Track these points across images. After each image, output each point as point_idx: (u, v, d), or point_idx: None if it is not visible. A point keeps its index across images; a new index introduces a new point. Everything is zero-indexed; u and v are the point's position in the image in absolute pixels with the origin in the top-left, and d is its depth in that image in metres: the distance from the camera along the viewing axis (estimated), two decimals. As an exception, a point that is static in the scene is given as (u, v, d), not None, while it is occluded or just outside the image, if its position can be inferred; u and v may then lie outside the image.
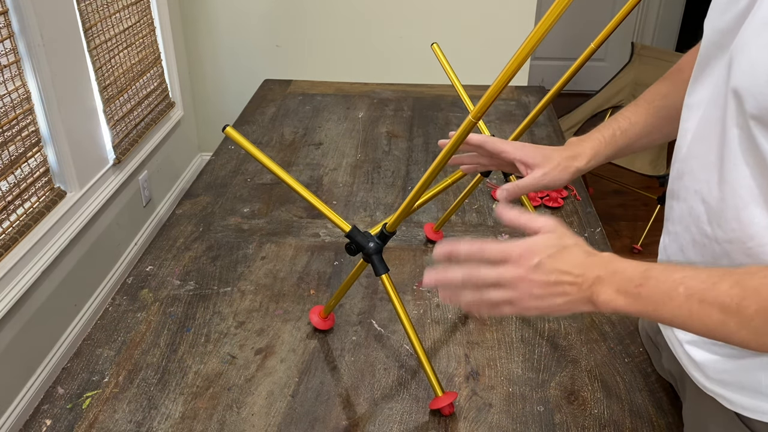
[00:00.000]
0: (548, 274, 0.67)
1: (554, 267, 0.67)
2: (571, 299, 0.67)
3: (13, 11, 1.68)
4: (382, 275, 0.94)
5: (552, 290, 0.67)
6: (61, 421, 0.93)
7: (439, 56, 1.23)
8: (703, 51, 0.74)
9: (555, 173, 0.92)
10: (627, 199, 3.09)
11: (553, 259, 0.68)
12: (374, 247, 0.94)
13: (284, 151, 1.74)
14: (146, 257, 1.29)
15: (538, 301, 0.68)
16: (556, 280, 0.67)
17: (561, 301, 0.67)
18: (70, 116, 1.91)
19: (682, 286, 0.62)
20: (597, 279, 0.66)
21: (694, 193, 0.73)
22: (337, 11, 2.79)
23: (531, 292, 0.68)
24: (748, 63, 0.62)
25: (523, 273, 0.68)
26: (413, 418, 0.94)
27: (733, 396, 0.73)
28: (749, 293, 0.59)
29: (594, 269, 0.67)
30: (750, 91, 0.62)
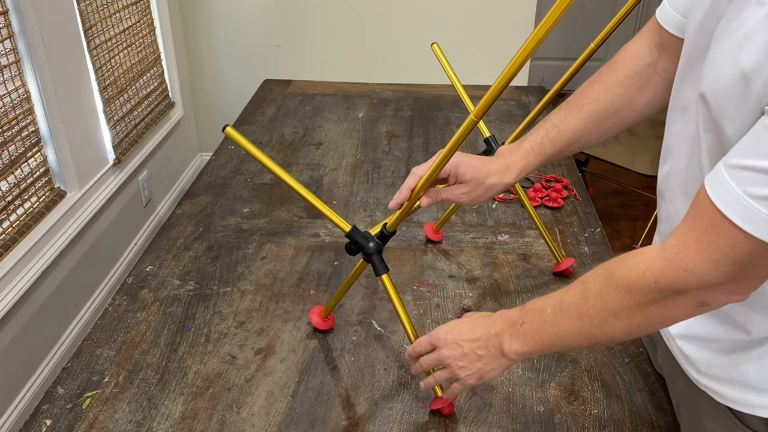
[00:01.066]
0: (458, 346, 0.81)
1: (460, 339, 0.81)
2: (487, 359, 0.79)
3: (13, 11, 1.68)
4: (382, 275, 0.94)
5: (469, 358, 0.80)
6: (61, 421, 0.93)
7: (439, 56, 1.23)
8: (688, 51, 0.74)
9: (478, 193, 0.92)
10: (627, 199, 3.09)
11: (457, 333, 0.82)
12: (374, 247, 0.94)
13: (284, 151, 1.74)
14: (146, 257, 1.29)
15: (467, 370, 0.81)
16: (467, 349, 0.80)
17: (481, 364, 0.80)
18: (70, 116, 1.91)
19: (548, 307, 0.73)
20: (496, 335, 0.78)
21: (681, 194, 0.75)
22: (337, 11, 2.79)
23: (457, 364, 0.81)
24: (715, 68, 0.63)
25: (444, 353, 0.82)
26: (413, 418, 0.94)
27: (723, 390, 0.74)
28: (587, 285, 0.69)
29: (490, 327, 0.79)
30: (713, 97, 0.63)
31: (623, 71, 0.91)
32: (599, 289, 0.67)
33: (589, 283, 0.69)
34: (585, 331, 0.69)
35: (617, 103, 0.91)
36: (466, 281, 1.23)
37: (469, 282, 1.22)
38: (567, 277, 1.24)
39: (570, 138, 0.93)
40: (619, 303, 0.65)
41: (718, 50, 0.63)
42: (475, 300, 1.18)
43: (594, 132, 0.93)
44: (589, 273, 0.70)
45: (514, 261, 1.28)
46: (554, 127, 0.93)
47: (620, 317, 0.66)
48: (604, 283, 0.67)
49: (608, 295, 0.66)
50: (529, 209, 1.24)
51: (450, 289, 1.20)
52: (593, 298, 0.67)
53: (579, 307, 0.69)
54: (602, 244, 1.33)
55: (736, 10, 0.63)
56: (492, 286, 1.21)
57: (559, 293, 0.73)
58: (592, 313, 0.68)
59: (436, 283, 1.22)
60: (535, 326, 0.74)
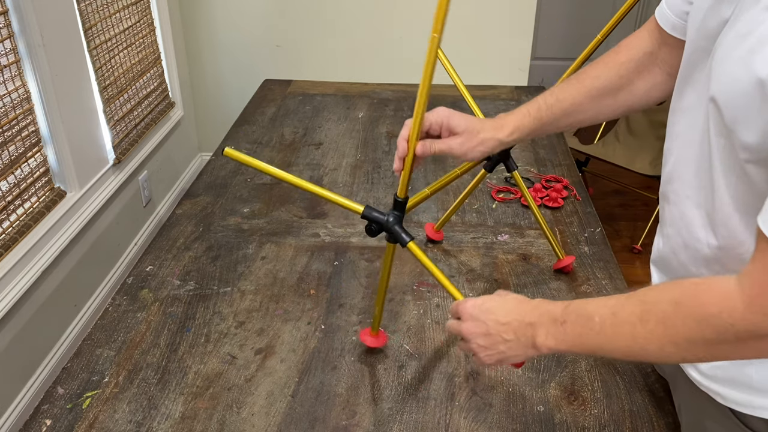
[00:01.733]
0: (484, 324, 0.77)
1: (487, 317, 0.77)
2: (513, 345, 0.76)
3: (13, 11, 1.68)
4: (409, 243, 0.91)
5: (493, 339, 0.77)
6: (61, 421, 0.93)
7: (440, 57, 1.23)
8: (689, 54, 0.75)
9: (471, 144, 0.91)
10: (627, 199, 3.09)
11: (486, 311, 0.78)
12: (394, 219, 0.91)
13: (284, 151, 1.74)
14: (146, 257, 1.29)
15: (488, 351, 0.78)
16: (491, 328, 0.77)
17: (505, 348, 0.76)
18: (70, 116, 1.91)
19: (597, 315, 0.68)
20: (530, 325, 0.74)
21: (685, 198, 0.75)
22: (338, 11, 2.79)
23: (478, 343, 0.78)
24: (726, 75, 0.63)
25: (467, 326, 0.79)
26: (413, 418, 0.94)
27: (725, 391, 0.74)
28: (649, 306, 0.64)
29: (526, 316, 0.75)
30: (727, 104, 0.63)
31: (625, 55, 0.92)
32: (663, 317, 0.63)
33: (650, 306, 0.65)
34: (635, 351, 0.66)
35: (616, 83, 0.92)
36: (466, 281, 1.23)
37: (469, 282, 1.22)
38: (567, 274, 1.24)
39: (567, 108, 0.93)
40: (685, 336, 0.62)
41: (727, 56, 0.63)
42: (475, 300, 1.18)
43: (590, 108, 0.94)
44: (649, 292, 0.66)
45: (514, 261, 1.28)
46: (552, 95, 0.95)
47: (681, 348, 0.63)
48: (670, 312, 0.63)
49: (673, 326, 0.62)
50: (530, 203, 1.24)
51: (450, 289, 1.20)
52: (654, 324, 0.63)
53: (635, 328, 0.65)
54: (602, 244, 1.33)
55: (741, 15, 0.63)
56: (492, 286, 1.21)
57: (611, 304, 0.68)
58: (650, 338, 0.64)
59: (436, 283, 1.22)
60: (578, 330, 0.70)
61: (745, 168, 0.63)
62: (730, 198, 0.66)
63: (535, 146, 1.75)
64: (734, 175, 0.65)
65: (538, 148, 1.74)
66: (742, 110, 0.61)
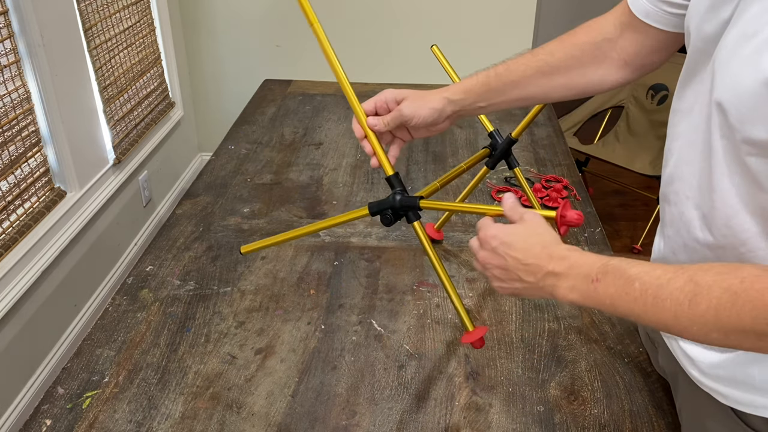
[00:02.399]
0: (502, 258, 0.74)
1: (507, 253, 0.74)
2: (530, 287, 0.72)
3: (13, 11, 1.68)
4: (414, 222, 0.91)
5: (509, 274, 0.74)
6: (61, 421, 0.93)
7: (440, 58, 1.23)
8: (690, 56, 0.74)
9: (419, 104, 0.92)
10: (627, 199, 3.09)
11: (507, 246, 0.74)
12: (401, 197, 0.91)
13: (284, 151, 1.74)
14: (146, 257, 1.29)
15: (503, 283, 0.75)
16: (510, 265, 0.73)
17: (520, 286, 0.73)
18: (70, 116, 1.91)
19: (638, 281, 0.64)
20: (552, 273, 0.70)
21: (685, 199, 0.74)
22: (338, 11, 2.79)
23: (493, 273, 0.76)
24: (731, 77, 0.62)
25: (484, 254, 0.76)
26: (413, 418, 0.94)
27: (727, 391, 0.74)
28: (702, 290, 0.60)
29: (549, 263, 0.71)
30: (733, 105, 0.62)
31: (583, 36, 0.92)
32: (717, 304, 0.59)
33: (703, 290, 0.60)
34: (672, 328, 0.63)
35: (569, 63, 0.92)
36: (466, 281, 1.23)
37: (469, 282, 1.22)
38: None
39: (515, 79, 0.93)
40: (737, 327, 0.59)
41: (731, 57, 0.63)
42: (475, 300, 1.18)
43: (541, 84, 0.93)
44: (704, 274, 0.61)
45: (514, 261, 1.28)
46: (504, 64, 0.94)
47: (728, 337, 0.60)
48: (726, 301, 0.59)
49: (726, 316, 0.59)
50: (531, 199, 1.24)
51: (450, 289, 1.20)
52: (705, 308, 0.60)
53: (681, 307, 0.61)
54: (602, 244, 1.33)
55: (743, 14, 0.63)
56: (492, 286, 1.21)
57: (657, 274, 0.63)
58: (695, 321, 0.60)
59: (436, 283, 1.22)
60: (611, 291, 0.66)
61: (750, 164, 0.63)
62: (737, 197, 0.66)
63: (535, 146, 1.75)
64: (738, 175, 0.65)
65: (538, 148, 1.74)
66: (750, 110, 0.60)
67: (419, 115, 0.92)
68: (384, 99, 0.95)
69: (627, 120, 2.91)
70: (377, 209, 0.92)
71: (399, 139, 0.99)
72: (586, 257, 0.70)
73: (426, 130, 0.96)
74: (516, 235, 0.75)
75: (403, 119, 0.93)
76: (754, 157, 0.62)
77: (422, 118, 0.92)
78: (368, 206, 0.93)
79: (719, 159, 0.66)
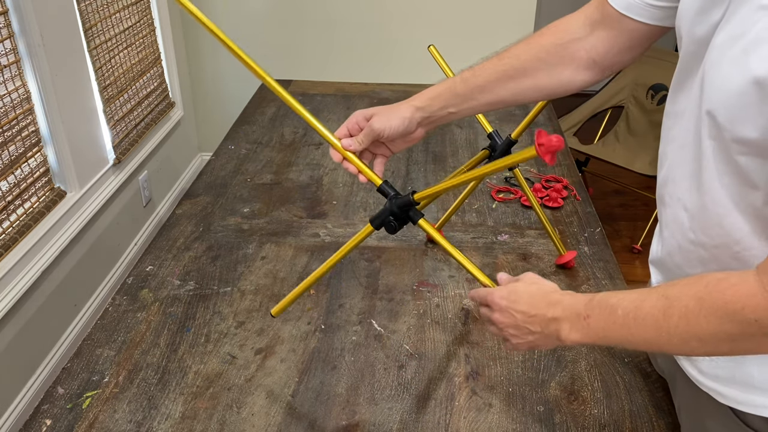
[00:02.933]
0: (512, 316, 0.79)
1: (515, 309, 0.79)
2: (540, 336, 0.77)
3: (13, 11, 1.68)
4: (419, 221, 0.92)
5: (521, 330, 0.78)
6: (61, 421, 0.93)
7: (437, 58, 1.23)
8: (682, 59, 0.75)
9: (388, 115, 0.93)
10: (627, 199, 3.09)
11: (514, 302, 0.79)
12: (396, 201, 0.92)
13: (284, 151, 1.74)
14: (146, 257, 1.29)
15: (518, 339, 0.80)
16: (520, 321, 0.78)
17: (533, 339, 0.78)
18: (70, 116, 1.91)
19: (620, 308, 0.69)
20: (552, 319, 0.75)
21: (677, 201, 0.75)
22: (337, 11, 2.79)
23: (509, 332, 0.80)
24: (720, 78, 0.63)
25: (498, 316, 0.81)
26: (413, 418, 0.94)
27: (726, 390, 0.74)
28: (672, 302, 0.64)
29: (548, 310, 0.76)
30: (722, 105, 0.63)
31: (550, 38, 0.92)
32: (686, 312, 0.63)
33: (673, 301, 0.64)
34: (660, 343, 0.66)
35: (535, 64, 0.91)
36: (466, 281, 1.23)
37: (469, 282, 1.22)
38: (567, 274, 1.24)
39: (482, 84, 0.93)
40: (708, 331, 0.62)
41: (720, 58, 0.63)
42: (475, 300, 1.18)
43: (508, 87, 0.93)
44: (672, 288, 0.66)
45: (514, 261, 1.28)
46: (471, 69, 0.94)
47: (705, 343, 0.63)
48: (693, 307, 0.62)
49: (696, 322, 0.62)
50: (531, 199, 1.24)
51: (450, 289, 1.20)
52: (677, 318, 0.63)
53: (659, 322, 0.65)
54: (602, 244, 1.33)
55: (733, 16, 0.63)
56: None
57: (634, 297, 0.68)
58: (673, 332, 0.64)
59: (436, 283, 1.22)
60: (601, 323, 0.71)
61: (741, 163, 0.63)
62: (727, 197, 0.67)
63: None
64: (728, 175, 0.66)
65: (538, 148, 1.73)
66: (739, 110, 0.61)
67: (390, 126, 0.93)
68: (354, 120, 0.97)
69: (627, 120, 2.91)
70: (379, 221, 0.92)
71: (380, 156, 0.99)
72: (575, 297, 0.75)
73: (402, 141, 0.97)
74: (518, 291, 0.80)
75: (375, 134, 0.94)
76: (745, 156, 0.63)
77: (393, 128, 0.93)
78: (370, 222, 0.93)
79: (709, 159, 0.67)
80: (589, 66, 0.90)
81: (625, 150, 2.85)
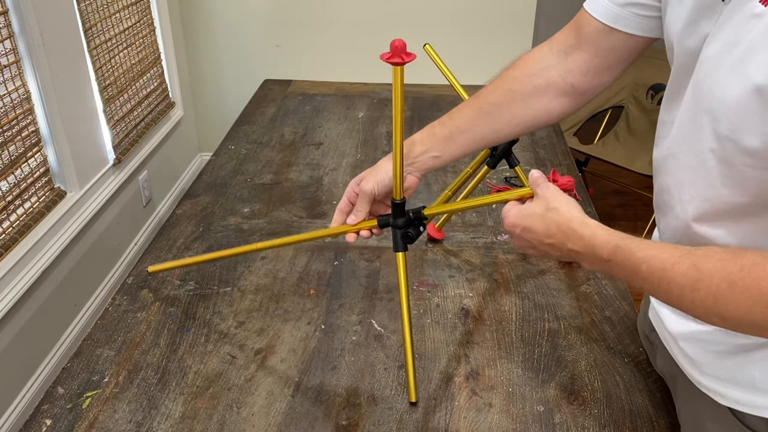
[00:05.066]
0: (528, 240, 0.79)
1: (530, 237, 0.79)
2: (562, 255, 0.77)
3: (13, 11, 1.68)
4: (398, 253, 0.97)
5: (540, 251, 0.79)
6: (61, 421, 0.93)
7: (433, 56, 1.23)
8: (675, 71, 0.75)
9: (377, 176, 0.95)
10: (627, 199, 3.09)
11: (527, 230, 0.79)
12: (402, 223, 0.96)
13: (284, 151, 1.74)
14: (146, 257, 1.29)
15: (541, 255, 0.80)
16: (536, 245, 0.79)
17: (556, 254, 0.78)
18: (70, 116, 1.91)
19: (645, 264, 0.67)
20: (575, 252, 0.74)
21: (670, 209, 0.76)
22: (337, 11, 2.79)
23: (530, 252, 0.81)
24: (718, 86, 0.63)
25: (515, 240, 0.82)
26: (413, 418, 0.94)
27: (727, 391, 0.74)
28: (703, 276, 0.62)
29: (567, 242, 0.75)
30: (723, 115, 0.62)
31: (521, 69, 0.93)
32: (715, 291, 0.61)
33: (704, 275, 0.62)
34: (677, 306, 0.65)
35: (509, 97, 0.92)
36: (466, 281, 1.23)
37: (469, 282, 1.22)
38: (569, 267, 1.23)
39: (460, 124, 0.94)
40: (734, 315, 0.60)
41: (716, 68, 0.63)
42: (475, 300, 1.18)
43: (486, 124, 0.93)
44: (704, 261, 0.62)
45: (514, 261, 1.28)
46: (448, 114, 0.95)
47: (726, 322, 0.61)
48: (724, 289, 0.60)
49: (724, 303, 0.60)
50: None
51: (450, 289, 1.20)
52: (704, 294, 0.61)
53: (684, 291, 0.63)
54: (602, 244, 1.33)
55: (724, 26, 0.63)
56: (492, 286, 1.21)
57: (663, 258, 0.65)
58: (697, 305, 0.62)
59: (436, 283, 1.22)
60: (622, 270, 0.70)
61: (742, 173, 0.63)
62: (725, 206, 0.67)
63: (535, 146, 1.75)
64: (731, 185, 0.66)
65: (538, 148, 1.74)
66: (740, 118, 0.61)
67: (378, 183, 0.94)
68: (351, 189, 0.99)
69: (627, 120, 2.91)
70: (396, 247, 0.97)
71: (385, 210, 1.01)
72: (598, 237, 0.72)
73: None
74: (532, 217, 0.79)
75: (368, 196, 0.95)
76: (750, 168, 0.62)
77: (383, 184, 0.95)
78: (394, 251, 0.98)
79: (709, 168, 0.67)
80: (567, 92, 0.91)
81: (625, 150, 2.85)
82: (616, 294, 1.18)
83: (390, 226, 0.97)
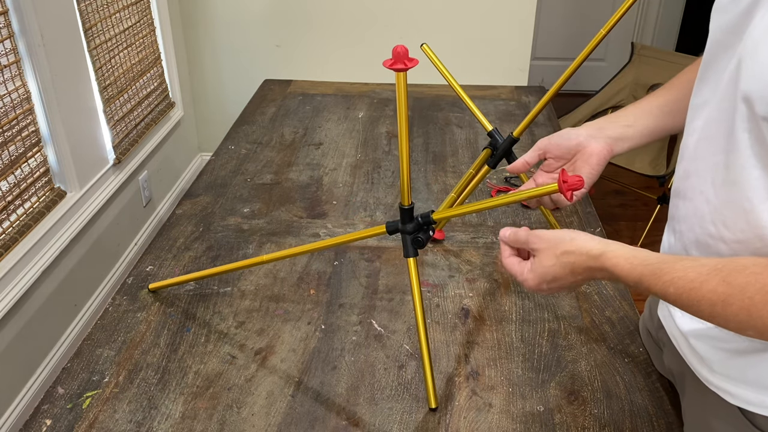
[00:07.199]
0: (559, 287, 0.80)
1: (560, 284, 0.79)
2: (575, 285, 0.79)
3: (13, 11, 1.68)
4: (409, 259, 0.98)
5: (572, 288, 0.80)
6: (61, 421, 0.93)
7: (431, 56, 1.23)
8: (708, 50, 0.74)
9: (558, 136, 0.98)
10: (627, 199, 3.09)
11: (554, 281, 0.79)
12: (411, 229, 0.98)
13: (284, 151, 1.74)
14: (146, 257, 1.29)
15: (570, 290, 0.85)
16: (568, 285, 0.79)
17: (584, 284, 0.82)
18: (70, 116, 1.91)
19: (672, 287, 0.66)
20: (601, 278, 0.76)
21: (699, 194, 0.73)
22: (337, 11, 2.79)
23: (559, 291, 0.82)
24: (759, 67, 0.61)
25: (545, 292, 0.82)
26: (413, 418, 0.94)
27: (737, 390, 0.73)
28: (735, 291, 0.61)
29: (594, 274, 0.76)
30: (761, 95, 0.61)
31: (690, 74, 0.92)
32: (749, 304, 0.60)
33: (736, 290, 0.61)
34: (710, 321, 0.65)
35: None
36: (466, 281, 1.23)
37: (469, 282, 1.22)
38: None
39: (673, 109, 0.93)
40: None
41: (758, 46, 0.62)
42: (475, 300, 1.18)
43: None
44: (736, 275, 0.62)
45: (514, 261, 1.28)
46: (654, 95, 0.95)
47: (763, 334, 0.61)
48: (759, 301, 0.60)
49: (759, 316, 0.60)
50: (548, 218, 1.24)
51: (450, 289, 1.20)
52: (738, 309, 0.61)
53: (715, 308, 0.63)
54: (602, 244, 1.33)
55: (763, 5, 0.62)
56: (492, 286, 1.21)
57: (691, 277, 0.65)
58: (730, 320, 0.62)
59: (436, 283, 1.22)
60: (649, 291, 0.70)
61: None
62: (756, 192, 0.65)
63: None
64: (762, 168, 0.64)
65: (538, 148, 1.74)
66: None
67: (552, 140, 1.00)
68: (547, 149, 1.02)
69: (627, 120, 2.91)
70: (407, 252, 0.98)
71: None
72: (619, 268, 0.72)
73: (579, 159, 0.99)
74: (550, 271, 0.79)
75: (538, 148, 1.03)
76: None
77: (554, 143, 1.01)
78: (404, 255, 0.99)
79: (742, 151, 0.65)
80: None
81: (625, 150, 2.84)
82: (616, 294, 1.18)
83: (399, 232, 0.97)
